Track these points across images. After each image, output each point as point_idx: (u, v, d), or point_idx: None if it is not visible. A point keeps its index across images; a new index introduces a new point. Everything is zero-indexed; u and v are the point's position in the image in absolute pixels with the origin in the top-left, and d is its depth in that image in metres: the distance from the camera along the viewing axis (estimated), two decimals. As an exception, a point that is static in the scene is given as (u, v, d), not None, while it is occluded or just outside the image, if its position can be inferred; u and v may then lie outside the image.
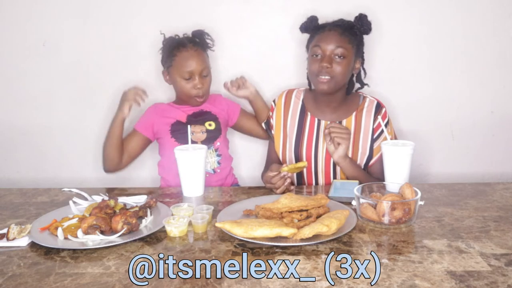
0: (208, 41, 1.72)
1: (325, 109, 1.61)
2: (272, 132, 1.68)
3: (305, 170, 1.63)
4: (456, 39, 1.83)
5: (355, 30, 1.53)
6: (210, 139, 1.70)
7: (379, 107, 1.61)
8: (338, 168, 1.59)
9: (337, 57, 1.49)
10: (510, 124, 1.91)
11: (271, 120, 1.69)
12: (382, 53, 1.83)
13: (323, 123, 1.61)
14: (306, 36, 1.66)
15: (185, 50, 1.63)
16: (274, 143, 1.68)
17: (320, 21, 1.59)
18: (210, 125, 1.70)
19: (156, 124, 1.70)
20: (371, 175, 1.59)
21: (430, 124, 1.91)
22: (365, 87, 1.69)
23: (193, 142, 1.63)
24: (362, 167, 1.60)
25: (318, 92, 1.57)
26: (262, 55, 1.86)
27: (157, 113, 1.72)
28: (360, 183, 1.42)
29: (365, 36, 1.61)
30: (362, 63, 1.62)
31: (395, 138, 1.67)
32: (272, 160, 1.69)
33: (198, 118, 1.71)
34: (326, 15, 1.62)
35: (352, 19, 1.58)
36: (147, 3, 1.83)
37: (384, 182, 1.32)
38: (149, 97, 1.88)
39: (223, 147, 1.73)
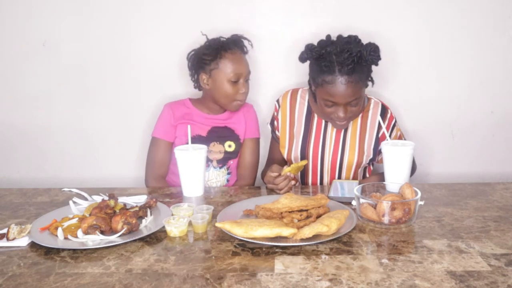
0: (246, 46, 1.65)
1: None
2: (277, 133, 1.67)
3: (310, 171, 1.63)
4: (456, 39, 1.84)
5: (363, 64, 1.40)
6: (226, 159, 1.67)
7: (384, 110, 1.60)
8: (344, 170, 1.60)
9: (351, 104, 1.45)
10: (510, 124, 1.91)
11: (275, 122, 1.68)
12: (382, 53, 1.82)
13: (330, 125, 1.60)
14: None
15: (231, 52, 1.57)
16: (278, 144, 1.67)
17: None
18: (230, 146, 1.66)
19: (179, 128, 1.63)
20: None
21: (430, 124, 1.91)
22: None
23: (208, 159, 1.61)
24: (363, 166, 1.61)
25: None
26: (262, 55, 1.86)
27: (176, 116, 1.64)
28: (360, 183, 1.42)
29: (365, 36, 1.60)
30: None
31: (403, 137, 1.67)
32: (274, 160, 1.69)
33: (220, 134, 1.66)
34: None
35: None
36: (145, 2, 1.83)
37: (384, 182, 1.32)
38: (153, 97, 1.90)
39: (235, 164, 1.71)
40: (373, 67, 1.48)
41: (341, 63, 1.37)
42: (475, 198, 1.35)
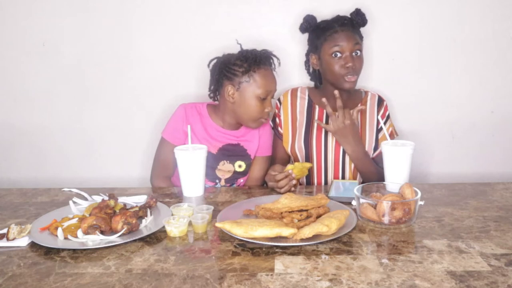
0: (274, 63, 1.57)
1: (334, 103, 1.61)
2: (280, 129, 1.68)
3: (315, 161, 1.63)
4: (456, 39, 1.83)
5: (354, 24, 1.58)
6: (234, 178, 1.61)
7: (381, 100, 1.68)
8: (347, 160, 1.61)
9: (354, 54, 1.54)
10: (510, 124, 1.91)
11: (277, 119, 1.69)
12: (382, 53, 1.83)
13: None
14: (306, 35, 1.66)
15: (264, 67, 1.50)
16: (281, 141, 1.68)
17: (318, 20, 1.62)
18: (240, 166, 1.59)
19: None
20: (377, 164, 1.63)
21: (430, 124, 1.91)
22: (366, 85, 1.70)
23: (216, 177, 1.60)
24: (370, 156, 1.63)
25: (343, 90, 1.58)
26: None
27: (190, 122, 1.54)
28: (361, 182, 1.42)
29: (364, 36, 1.63)
30: None
31: (395, 133, 1.70)
32: (277, 158, 1.70)
33: (231, 153, 1.58)
34: (325, 15, 1.62)
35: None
36: (145, 2, 1.83)
37: (384, 182, 1.32)
38: (153, 97, 1.90)
39: (244, 182, 1.65)
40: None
41: (337, 21, 1.57)
42: (475, 198, 1.35)
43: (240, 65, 1.49)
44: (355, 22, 1.58)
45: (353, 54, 1.54)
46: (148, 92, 1.91)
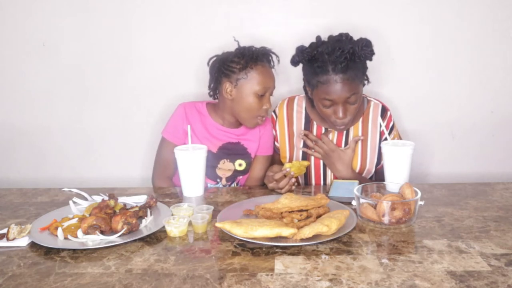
0: (273, 60, 1.55)
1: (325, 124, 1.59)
2: (277, 144, 1.65)
3: (313, 176, 1.61)
4: (456, 39, 1.84)
5: (356, 60, 1.37)
6: (235, 176, 1.61)
7: (384, 110, 1.59)
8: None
9: (349, 102, 1.42)
10: (510, 124, 1.91)
11: (273, 132, 1.65)
12: (382, 53, 1.83)
13: (330, 132, 1.59)
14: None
15: (262, 64, 1.49)
16: (278, 155, 1.66)
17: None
18: (240, 165, 1.59)
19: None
20: (378, 176, 1.61)
21: (430, 124, 1.91)
22: (366, 87, 1.69)
23: (217, 176, 1.59)
24: (372, 172, 1.60)
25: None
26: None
27: (190, 122, 1.54)
28: (360, 183, 1.42)
29: (364, 36, 1.60)
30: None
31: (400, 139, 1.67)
32: (276, 162, 1.68)
33: (231, 152, 1.58)
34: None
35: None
36: (145, 2, 1.83)
37: (384, 182, 1.32)
38: (152, 97, 1.90)
39: (244, 179, 1.64)
40: (372, 65, 1.46)
41: (334, 62, 1.35)
42: (475, 198, 1.35)
43: (237, 62, 1.48)
44: (357, 56, 1.36)
45: (347, 103, 1.41)
46: (148, 92, 1.91)
